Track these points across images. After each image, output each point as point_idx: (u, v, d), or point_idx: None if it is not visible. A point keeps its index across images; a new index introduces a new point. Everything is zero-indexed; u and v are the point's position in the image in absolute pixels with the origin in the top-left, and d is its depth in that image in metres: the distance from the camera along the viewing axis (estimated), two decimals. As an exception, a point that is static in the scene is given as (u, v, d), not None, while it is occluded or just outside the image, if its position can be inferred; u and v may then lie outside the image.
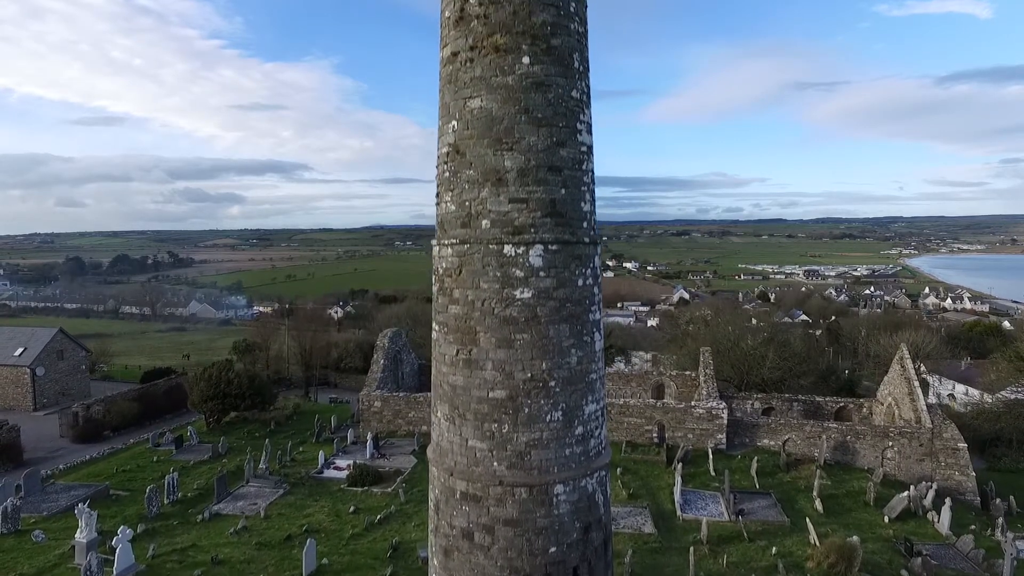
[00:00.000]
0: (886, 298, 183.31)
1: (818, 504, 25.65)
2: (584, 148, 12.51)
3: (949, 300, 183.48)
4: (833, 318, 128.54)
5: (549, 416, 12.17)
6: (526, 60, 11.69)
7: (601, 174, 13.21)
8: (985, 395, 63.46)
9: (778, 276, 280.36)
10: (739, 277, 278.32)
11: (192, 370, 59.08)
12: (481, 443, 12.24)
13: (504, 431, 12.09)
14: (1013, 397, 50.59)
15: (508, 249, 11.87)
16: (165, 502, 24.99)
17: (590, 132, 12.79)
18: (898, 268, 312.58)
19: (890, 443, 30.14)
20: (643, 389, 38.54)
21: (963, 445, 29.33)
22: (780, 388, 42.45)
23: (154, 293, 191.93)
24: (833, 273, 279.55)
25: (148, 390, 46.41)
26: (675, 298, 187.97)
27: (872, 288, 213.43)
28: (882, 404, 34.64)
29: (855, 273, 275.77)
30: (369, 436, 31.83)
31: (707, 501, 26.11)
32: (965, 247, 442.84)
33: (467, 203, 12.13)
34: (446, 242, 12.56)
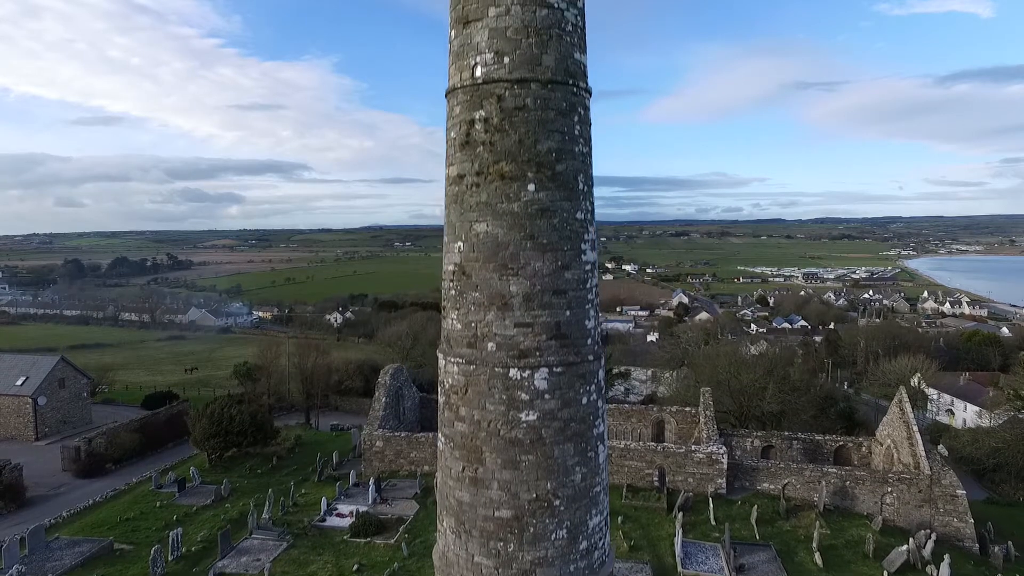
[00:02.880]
0: (885, 302, 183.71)
1: (817, 558, 25.81)
2: (588, 267, 12.61)
3: (948, 305, 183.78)
4: (832, 325, 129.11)
5: (554, 535, 12.32)
6: (531, 187, 11.78)
7: (601, 174, 13.38)
8: (983, 412, 63.87)
9: (777, 279, 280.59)
10: (738, 280, 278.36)
11: (192, 393, 59.37)
12: (487, 560, 12.38)
13: (510, 550, 12.24)
14: (1008, 418, 50.88)
15: (514, 373, 11.99)
16: (169, 559, 25.05)
17: (594, 248, 12.89)
18: (897, 270, 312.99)
19: (889, 488, 30.30)
20: (643, 426, 38.72)
21: (962, 492, 29.48)
22: (779, 422, 42.67)
23: (153, 298, 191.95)
24: (832, 276, 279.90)
25: (149, 419, 46.57)
26: (674, 302, 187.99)
27: (871, 292, 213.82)
28: (881, 445, 34.83)
29: (854, 276, 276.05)
30: (371, 481, 31.96)
31: (707, 554, 26.27)
32: (964, 248, 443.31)
33: (473, 324, 12.24)
34: (452, 359, 12.65)
